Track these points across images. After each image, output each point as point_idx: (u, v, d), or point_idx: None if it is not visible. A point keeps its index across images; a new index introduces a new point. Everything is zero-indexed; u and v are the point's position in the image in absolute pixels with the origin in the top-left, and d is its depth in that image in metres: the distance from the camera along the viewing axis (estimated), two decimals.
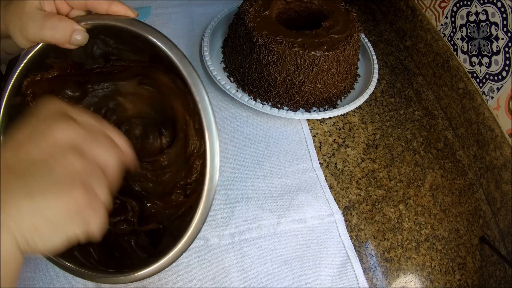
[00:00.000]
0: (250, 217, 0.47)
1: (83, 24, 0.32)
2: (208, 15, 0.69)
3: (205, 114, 0.33)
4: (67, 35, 0.31)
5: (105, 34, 0.36)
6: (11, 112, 0.34)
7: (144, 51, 0.38)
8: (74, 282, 0.41)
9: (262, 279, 0.44)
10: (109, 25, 0.33)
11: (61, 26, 0.31)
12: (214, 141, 0.33)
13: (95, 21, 0.33)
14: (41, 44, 0.33)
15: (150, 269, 0.34)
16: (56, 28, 0.31)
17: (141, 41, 0.33)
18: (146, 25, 0.33)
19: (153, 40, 0.33)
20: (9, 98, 0.34)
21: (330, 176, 0.53)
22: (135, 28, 0.33)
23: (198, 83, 0.33)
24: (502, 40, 0.52)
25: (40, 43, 0.32)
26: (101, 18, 0.33)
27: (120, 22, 0.33)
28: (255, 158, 0.53)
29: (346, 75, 0.58)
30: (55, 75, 0.37)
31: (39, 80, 0.35)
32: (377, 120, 0.60)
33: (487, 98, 0.55)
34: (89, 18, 0.33)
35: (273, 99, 0.57)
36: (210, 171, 0.33)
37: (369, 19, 0.78)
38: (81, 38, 0.32)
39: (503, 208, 0.52)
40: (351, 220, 0.49)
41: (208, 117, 0.33)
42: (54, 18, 0.31)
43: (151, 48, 0.33)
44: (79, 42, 0.32)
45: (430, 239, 0.49)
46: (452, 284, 0.47)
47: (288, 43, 0.52)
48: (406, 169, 0.55)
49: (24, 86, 0.34)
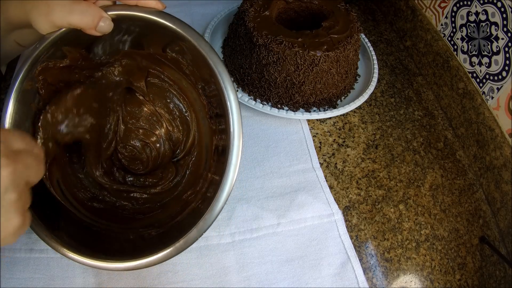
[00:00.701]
0: (250, 217, 0.47)
1: (110, 14, 0.33)
2: (208, 15, 0.69)
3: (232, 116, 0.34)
4: (95, 21, 0.32)
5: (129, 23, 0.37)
6: (21, 97, 0.34)
7: (167, 43, 0.39)
8: (74, 282, 0.41)
9: (262, 279, 0.44)
10: (137, 16, 0.34)
11: (90, 11, 0.32)
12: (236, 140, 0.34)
13: (123, 11, 0.34)
14: (59, 32, 0.33)
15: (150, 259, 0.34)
16: (85, 13, 0.31)
17: (167, 33, 0.34)
18: (174, 18, 0.34)
19: (182, 32, 0.34)
20: (21, 82, 0.34)
21: (330, 176, 0.53)
22: (164, 20, 0.34)
23: (228, 79, 0.34)
24: (502, 40, 0.52)
25: (59, 30, 0.33)
26: (128, 9, 0.34)
27: (149, 14, 0.34)
28: (255, 158, 0.53)
29: (346, 75, 0.58)
30: (67, 64, 0.37)
31: (51, 67, 0.36)
32: (377, 120, 0.60)
33: (487, 98, 0.55)
34: (117, 8, 0.34)
35: (273, 99, 0.57)
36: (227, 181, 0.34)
37: (369, 19, 0.78)
38: (107, 25, 0.33)
39: (503, 208, 0.52)
40: (351, 220, 0.49)
41: (234, 119, 0.34)
42: (83, 3, 0.32)
43: (174, 40, 0.34)
44: (104, 29, 0.33)
45: (430, 239, 0.49)
46: (452, 284, 0.47)
47: (288, 43, 0.52)
48: (406, 169, 0.55)
49: (37, 71, 0.35)
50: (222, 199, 0.34)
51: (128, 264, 0.34)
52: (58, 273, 0.41)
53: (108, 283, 0.41)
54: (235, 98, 0.34)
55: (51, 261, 0.42)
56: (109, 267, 0.34)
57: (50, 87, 0.37)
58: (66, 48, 0.36)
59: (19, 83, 0.34)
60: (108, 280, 0.41)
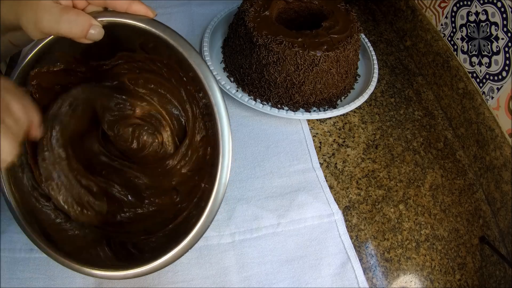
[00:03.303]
0: (250, 217, 0.47)
1: (99, 20, 0.32)
2: (208, 15, 0.69)
3: (220, 121, 0.34)
4: (84, 30, 0.31)
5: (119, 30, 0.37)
6: None
7: (160, 52, 0.38)
8: (74, 282, 0.41)
9: (262, 279, 0.44)
10: (126, 23, 0.33)
11: (79, 20, 0.31)
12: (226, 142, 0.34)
13: (112, 18, 0.33)
14: (51, 37, 0.33)
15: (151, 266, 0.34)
16: (73, 22, 0.31)
17: (159, 42, 0.34)
18: (165, 26, 0.34)
19: (172, 42, 0.33)
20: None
21: (330, 176, 0.53)
22: (154, 28, 0.33)
23: (216, 92, 0.34)
24: (502, 40, 0.52)
25: (51, 35, 0.32)
26: (119, 16, 0.33)
27: (139, 22, 0.33)
28: (255, 158, 0.53)
29: (346, 75, 0.58)
30: (61, 68, 0.37)
31: (45, 72, 0.36)
32: (377, 120, 0.60)
33: (487, 98, 0.55)
34: (106, 15, 0.33)
35: (273, 99, 0.57)
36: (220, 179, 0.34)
37: (369, 19, 0.78)
38: (97, 33, 0.32)
39: (503, 208, 0.52)
40: (351, 220, 0.49)
41: (222, 122, 0.34)
42: (72, 12, 0.31)
43: (166, 48, 0.34)
44: (95, 37, 0.32)
45: (430, 239, 0.49)
46: (452, 284, 0.47)
47: (288, 43, 0.52)
48: (406, 169, 0.55)
49: (30, 76, 0.35)
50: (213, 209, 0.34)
51: (122, 273, 0.35)
52: (58, 273, 0.41)
53: (108, 283, 0.41)
54: (225, 114, 0.34)
55: (51, 261, 0.41)
56: (106, 275, 0.35)
57: (44, 91, 0.37)
58: (59, 53, 0.35)
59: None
60: (108, 280, 0.41)
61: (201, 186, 0.41)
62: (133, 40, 0.37)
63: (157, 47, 0.37)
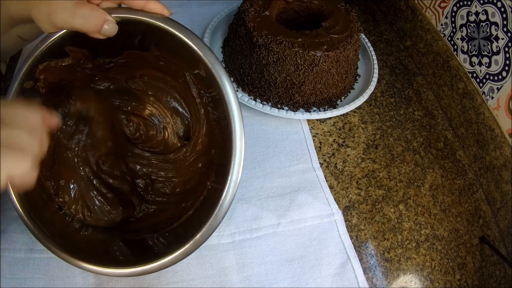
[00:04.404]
0: (250, 217, 0.47)
1: (114, 16, 0.32)
2: (208, 15, 0.69)
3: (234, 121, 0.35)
4: (98, 25, 0.31)
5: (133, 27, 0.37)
6: (21, 96, 0.34)
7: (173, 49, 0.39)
8: (74, 282, 0.41)
9: (262, 279, 0.44)
10: (142, 21, 0.33)
11: (93, 15, 0.31)
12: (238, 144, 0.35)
13: (127, 14, 0.33)
14: (63, 31, 0.32)
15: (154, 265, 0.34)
16: (88, 17, 0.31)
17: (174, 40, 0.34)
18: (180, 25, 0.34)
19: (187, 41, 0.34)
20: (21, 81, 0.34)
21: (330, 176, 0.53)
22: (169, 26, 0.34)
23: (229, 91, 0.34)
24: (502, 40, 0.52)
25: (63, 30, 0.32)
26: (134, 13, 0.33)
27: (154, 19, 0.33)
28: (255, 158, 0.53)
29: (346, 75, 0.58)
30: (69, 64, 0.37)
31: (53, 66, 0.35)
32: (377, 120, 0.60)
33: (487, 98, 0.55)
34: (121, 11, 0.33)
35: (273, 99, 0.57)
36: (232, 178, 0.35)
37: (369, 19, 0.78)
38: (111, 28, 0.32)
39: (503, 208, 0.52)
40: (351, 220, 0.49)
41: (235, 122, 0.34)
42: (87, 6, 0.31)
43: (179, 47, 0.34)
44: (109, 32, 0.32)
45: (430, 239, 0.49)
46: (452, 284, 0.47)
47: (288, 43, 0.52)
48: (406, 169, 0.55)
49: (38, 70, 0.34)
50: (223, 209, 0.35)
51: (129, 270, 0.35)
52: (58, 273, 0.41)
53: (108, 283, 0.41)
54: (239, 114, 0.35)
55: (51, 261, 0.42)
56: (113, 273, 0.35)
57: (50, 86, 0.37)
58: (68, 48, 0.35)
59: (19, 83, 0.34)
60: (108, 280, 0.41)
61: (206, 185, 0.41)
62: (145, 38, 0.37)
63: (170, 45, 0.37)
